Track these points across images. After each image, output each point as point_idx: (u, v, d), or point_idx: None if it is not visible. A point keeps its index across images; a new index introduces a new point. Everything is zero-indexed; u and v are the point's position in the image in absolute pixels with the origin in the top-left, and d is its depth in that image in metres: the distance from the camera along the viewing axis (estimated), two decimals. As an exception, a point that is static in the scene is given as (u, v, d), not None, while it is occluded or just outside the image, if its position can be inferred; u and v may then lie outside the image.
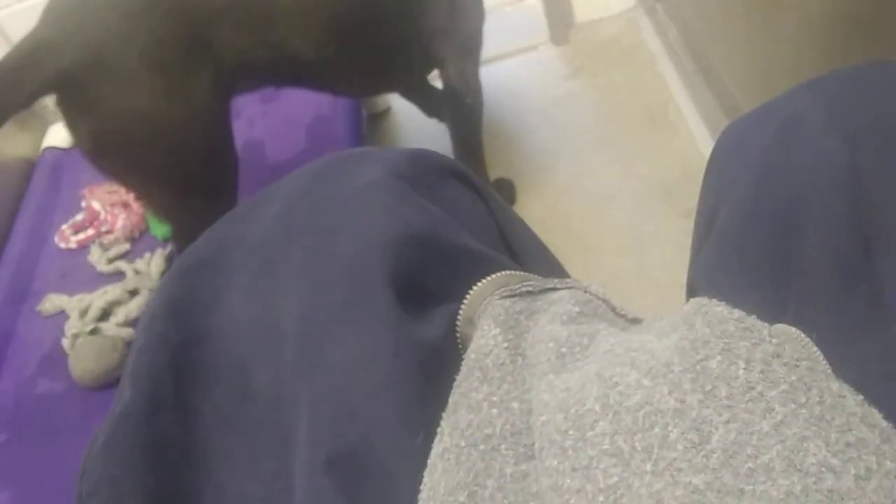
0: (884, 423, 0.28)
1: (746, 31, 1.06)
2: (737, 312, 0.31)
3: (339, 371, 0.39)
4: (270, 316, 0.43)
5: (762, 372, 0.29)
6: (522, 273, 0.46)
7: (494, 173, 1.36)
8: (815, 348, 0.35)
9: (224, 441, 0.42)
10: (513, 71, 1.53)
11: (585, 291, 0.45)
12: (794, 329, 0.36)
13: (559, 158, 1.34)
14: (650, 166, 1.27)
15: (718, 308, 0.31)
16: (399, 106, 1.57)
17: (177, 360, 0.42)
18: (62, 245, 1.26)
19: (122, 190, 1.29)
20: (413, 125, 1.52)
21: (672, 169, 1.25)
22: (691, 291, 0.45)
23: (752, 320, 0.30)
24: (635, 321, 0.45)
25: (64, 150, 1.45)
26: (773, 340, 0.29)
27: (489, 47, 1.60)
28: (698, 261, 0.45)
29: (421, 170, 0.48)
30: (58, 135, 1.46)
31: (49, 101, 1.51)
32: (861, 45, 0.77)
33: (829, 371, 0.34)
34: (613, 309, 0.45)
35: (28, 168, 1.43)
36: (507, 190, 1.31)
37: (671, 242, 1.16)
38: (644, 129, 1.32)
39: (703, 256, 0.45)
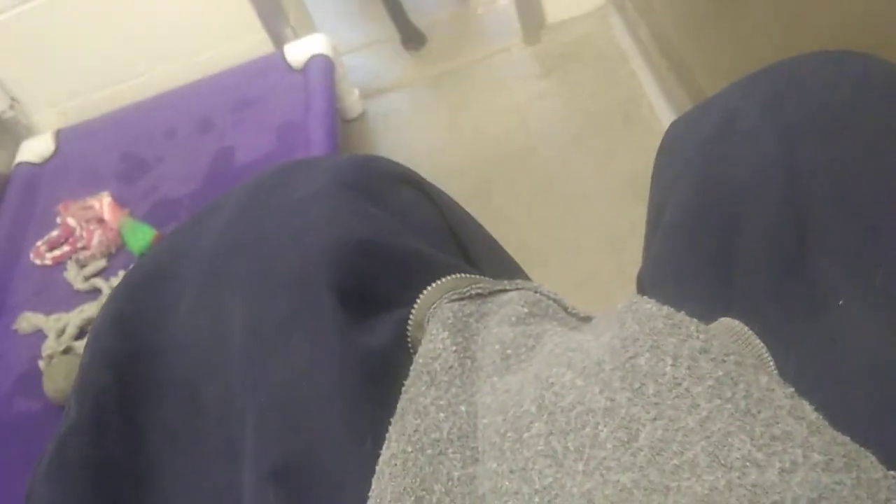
0: (813, 416, 0.28)
1: (715, 27, 1.07)
2: (665, 309, 0.31)
3: (284, 382, 0.39)
4: (217, 328, 0.42)
5: (689, 368, 0.28)
6: (472, 276, 0.46)
7: (470, 175, 1.36)
8: (757, 341, 0.35)
9: (173, 457, 0.41)
10: (486, 72, 1.53)
11: (536, 292, 0.45)
12: (736, 323, 0.36)
13: (534, 158, 1.34)
14: (624, 163, 1.27)
15: (648, 305, 0.31)
16: (373, 111, 1.57)
17: (123, 377, 0.42)
18: (37, 261, 1.25)
19: (97, 205, 1.28)
20: (386, 129, 1.52)
21: (646, 165, 1.24)
22: (641, 288, 0.45)
23: (681, 316, 0.30)
24: (586, 319, 0.44)
25: (38, 164, 1.44)
26: (701, 336, 0.29)
27: (463, 50, 1.60)
28: (647, 257, 0.45)
29: (367, 176, 0.48)
30: (31, 150, 1.46)
31: (22, 117, 1.52)
32: (823, 35, 0.77)
33: (768, 364, 0.34)
34: (565, 308, 0.45)
35: (1, 184, 1.42)
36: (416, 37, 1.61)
37: (647, 239, 1.16)
38: (617, 127, 1.32)
39: (651, 253, 0.45)
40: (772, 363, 0.35)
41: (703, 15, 1.11)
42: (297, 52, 1.41)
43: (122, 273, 1.19)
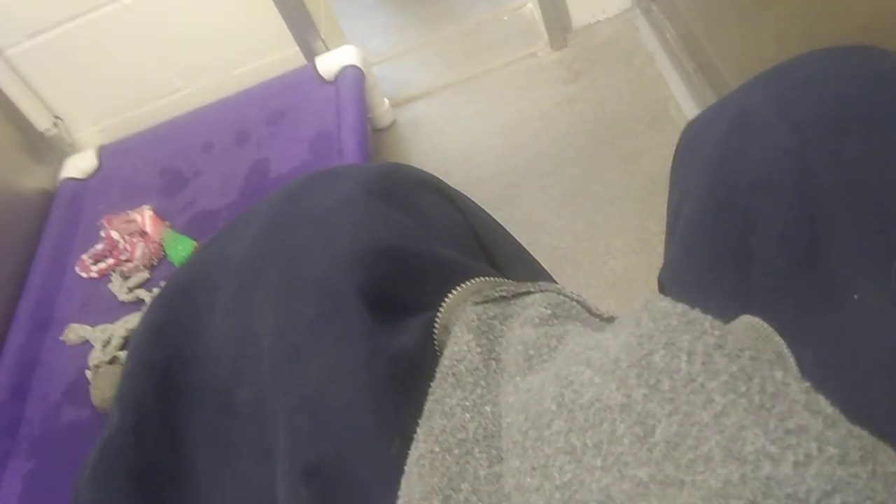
0: (829, 409, 0.28)
1: (741, 26, 1.06)
2: (680, 306, 0.31)
3: (313, 384, 0.40)
4: (250, 333, 0.44)
5: (703, 363, 0.29)
6: (496, 279, 0.46)
7: (500, 180, 1.36)
8: (776, 338, 0.36)
9: (210, 458, 0.43)
10: (514, 78, 1.54)
11: (559, 293, 0.45)
12: (756, 319, 0.37)
13: (563, 162, 1.35)
14: (653, 165, 1.26)
15: (662, 303, 0.32)
16: (403, 119, 1.59)
17: (162, 384, 0.44)
18: (83, 274, 1.30)
19: (139, 218, 1.32)
20: (417, 137, 1.54)
21: (677, 166, 1.25)
22: (661, 289, 0.46)
23: (696, 313, 0.31)
24: (610, 320, 0.45)
25: (82, 180, 1.49)
26: (715, 332, 0.30)
27: (490, 56, 1.61)
28: (666, 258, 0.46)
29: (392, 183, 0.49)
30: (75, 166, 1.51)
31: (66, 134, 1.57)
32: (847, 32, 0.77)
33: (787, 359, 0.34)
34: (588, 309, 0.45)
35: (47, 199, 1.47)
36: None
37: (678, 240, 1.16)
38: (645, 129, 1.32)
39: (670, 252, 0.45)
40: (791, 358, 0.35)
41: (729, 14, 1.10)
42: (329, 64, 1.44)
43: (164, 284, 1.23)
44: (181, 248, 1.24)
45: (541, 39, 1.56)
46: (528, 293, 0.45)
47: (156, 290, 1.22)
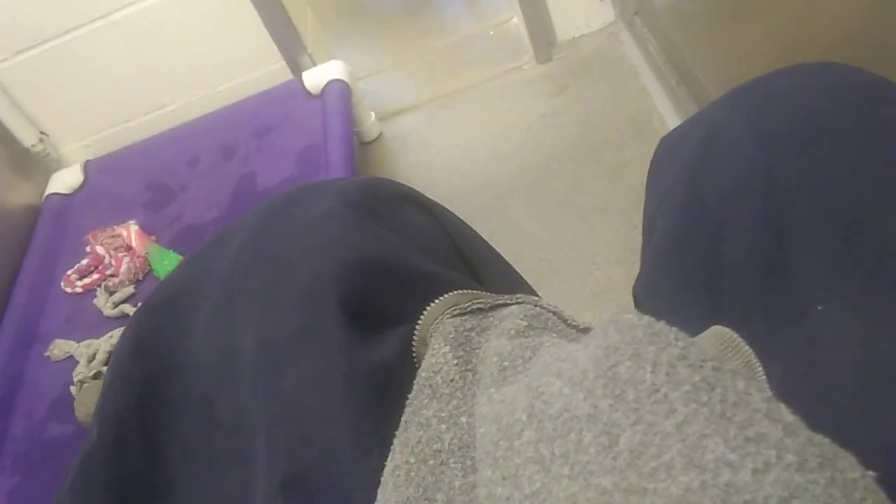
0: (790, 418, 0.28)
1: (724, 40, 1.08)
2: (646, 319, 0.32)
3: (293, 396, 0.41)
4: (231, 346, 0.44)
5: (667, 374, 0.29)
6: (474, 291, 0.47)
7: (486, 192, 1.37)
8: (745, 348, 0.36)
9: (189, 470, 0.43)
10: (499, 91, 1.55)
11: (536, 305, 0.46)
12: (726, 330, 0.37)
13: (549, 174, 1.36)
14: (637, 177, 1.27)
15: (629, 316, 0.32)
16: (390, 133, 1.60)
17: (142, 397, 0.44)
18: (68, 290, 1.29)
19: (125, 233, 1.32)
20: (403, 150, 1.55)
21: (660, 178, 1.26)
22: (636, 301, 0.46)
23: (661, 325, 0.31)
24: (586, 331, 0.46)
25: (67, 196, 1.49)
26: (679, 344, 0.30)
27: (476, 70, 1.63)
28: (641, 271, 0.46)
29: (373, 197, 0.50)
30: (61, 181, 1.51)
31: (52, 150, 1.57)
32: (825, 46, 0.78)
33: (756, 369, 0.35)
34: (564, 320, 0.46)
35: (33, 215, 1.47)
36: None
37: (661, 251, 1.16)
38: (630, 141, 1.33)
39: (644, 266, 0.46)
40: (760, 368, 0.35)
41: (710, 28, 1.12)
42: (315, 78, 1.44)
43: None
44: (167, 263, 1.24)
45: (526, 53, 1.58)
46: (506, 305, 0.46)
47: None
